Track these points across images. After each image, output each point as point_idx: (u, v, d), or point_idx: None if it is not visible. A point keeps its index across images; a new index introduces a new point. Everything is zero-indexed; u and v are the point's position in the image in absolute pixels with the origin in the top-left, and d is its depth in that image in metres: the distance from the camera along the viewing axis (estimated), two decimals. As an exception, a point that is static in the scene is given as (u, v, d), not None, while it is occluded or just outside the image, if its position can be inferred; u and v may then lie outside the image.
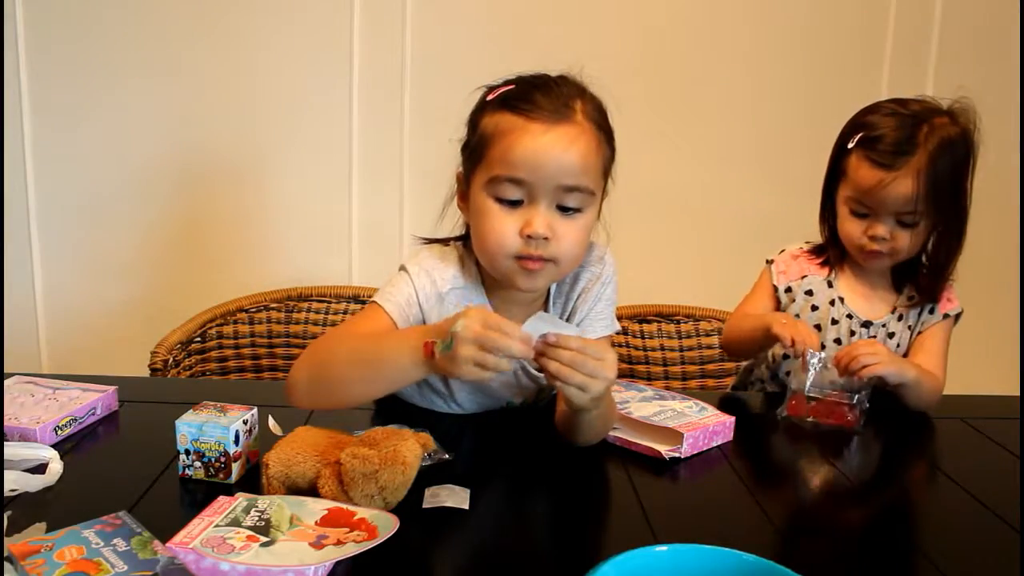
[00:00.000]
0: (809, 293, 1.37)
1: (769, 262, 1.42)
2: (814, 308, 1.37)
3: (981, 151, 1.27)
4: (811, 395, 1.22)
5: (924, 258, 1.33)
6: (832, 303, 1.36)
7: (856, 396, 1.20)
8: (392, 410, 1.16)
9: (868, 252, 1.29)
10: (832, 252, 1.37)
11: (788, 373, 1.40)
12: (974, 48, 2.13)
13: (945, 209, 1.26)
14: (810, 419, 1.21)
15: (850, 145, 1.28)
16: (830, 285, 1.37)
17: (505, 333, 0.87)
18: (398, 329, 1.05)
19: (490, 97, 1.04)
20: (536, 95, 1.00)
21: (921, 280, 1.34)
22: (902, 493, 1.09)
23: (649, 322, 1.73)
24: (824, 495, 1.04)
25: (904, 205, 1.23)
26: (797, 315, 1.37)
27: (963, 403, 1.33)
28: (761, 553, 0.69)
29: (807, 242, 1.41)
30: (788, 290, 1.39)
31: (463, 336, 0.87)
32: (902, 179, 1.22)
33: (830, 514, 0.98)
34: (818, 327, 1.36)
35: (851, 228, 1.30)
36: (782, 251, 1.42)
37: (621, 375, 1.67)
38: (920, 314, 1.35)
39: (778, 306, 1.40)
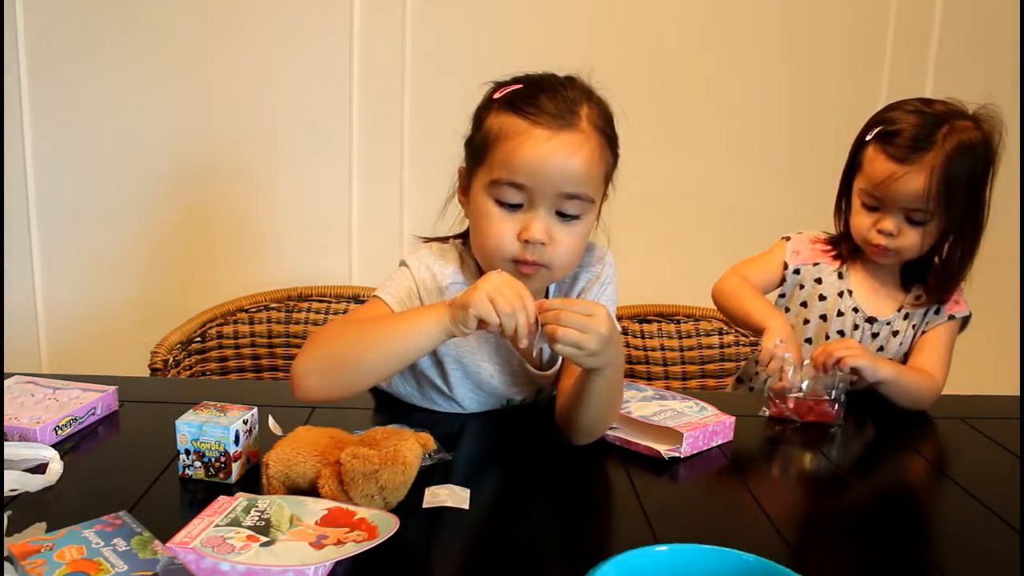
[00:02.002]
0: (819, 281, 1.38)
1: (786, 239, 1.42)
2: (822, 297, 1.37)
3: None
4: (791, 394, 1.22)
5: (937, 259, 1.33)
6: (840, 295, 1.36)
7: (833, 392, 1.21)
8: (392, 410, 1.16)
9: (873, 245, 1.29)
10: (845, 245, 1.37)
11: (758, 374, 1.41)
12: (974, 48, 2.13)
13: (958, 213, 1.25)
14: (792, 416, 1.21)
15: (868, 137, 1.28)
16: (841, 276, 1.37)
17: (522, 293, 0.92)
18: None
19: (496, 96, 1.04)
20: (542, 98, 1.00)
21: (931, 282, 1.33)
22: (902, 493, 1.09)
23: (649, 322, 1.73)
24: (824, 495, 1.04)
25: (914, 201, 1.23)
26: (804, 303, 1.38)
27: (963, 403, 1.33)
28: (761, 553, 0.69)
29: (824, 232, 1.41)
30: (796, 272, 1.39)
31: (488, 276, 0.92)
32: (915, 174, 1.22)
33: (830, 514, 0.98)
34: (824, 317, 1.36)
35: (861, 221, 1.30)
36: (800, 232, 1.42)
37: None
38: (925, 313, 1.35)
39: (782, 284, 1.41)
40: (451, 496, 0.90)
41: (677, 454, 1.04)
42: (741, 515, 0.94)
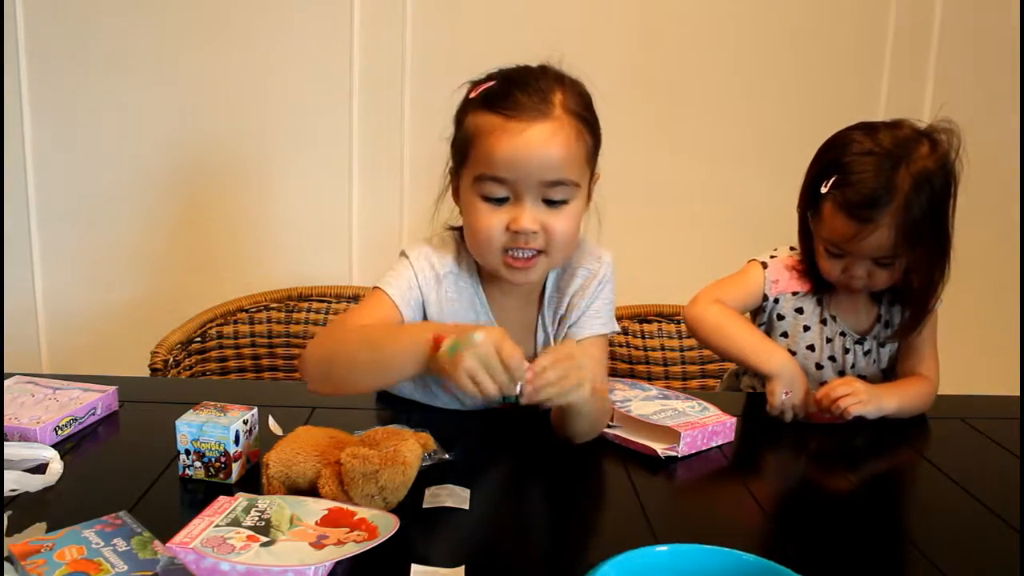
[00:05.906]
0: (800, 311, 1.35)
1: (762, 264, 1.37)
2: (807, 328, 1.35)
3: (976, 150, 1.23)
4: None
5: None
6: (824, 322, 1.35)
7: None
8: (392, 409, 1.17)
9: (846, 287, 1.29)
10: (814, 273, 1.33)
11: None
12: (974, 49, 2.13)
13: (925, 242, 1.22)
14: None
15: (824, 189, 1.23)
16: (820, 303, 1.35)
17: (510, 368, 0.89)
18: (410, 323, 1.08)
19: (472, 95, 1.06)
20: (516, 93, 1.02)
21: (904, 301, 1.32)
22: (902, 494, 1.09)
23: (649, 322, 1.73)
24: (824, 496, 1.04)
25: (882, 251, 1.21)
26: (785, 332, 1.36)
27: (963, 403, 1.33)
28: (761, 553, 0.69)
29: (792, 247, 1.38)
30: (776, 301, 1.36)
31: (476, 346, 0.88)
32: (879, 231, 1.19)
33: (830, 514, 0.98)
34: (812, 347, 1.35)
35: (828, 266, 1.28)
36: (773, 255, 1.38)
37: (622, 375, 1.67)
38: (903, 315, 1.34)
39: (760, 312, 1.38)
40: (451, 496, 0.90)
41: (674, 453, 1.04)
42: (741, 515, 0.94)
